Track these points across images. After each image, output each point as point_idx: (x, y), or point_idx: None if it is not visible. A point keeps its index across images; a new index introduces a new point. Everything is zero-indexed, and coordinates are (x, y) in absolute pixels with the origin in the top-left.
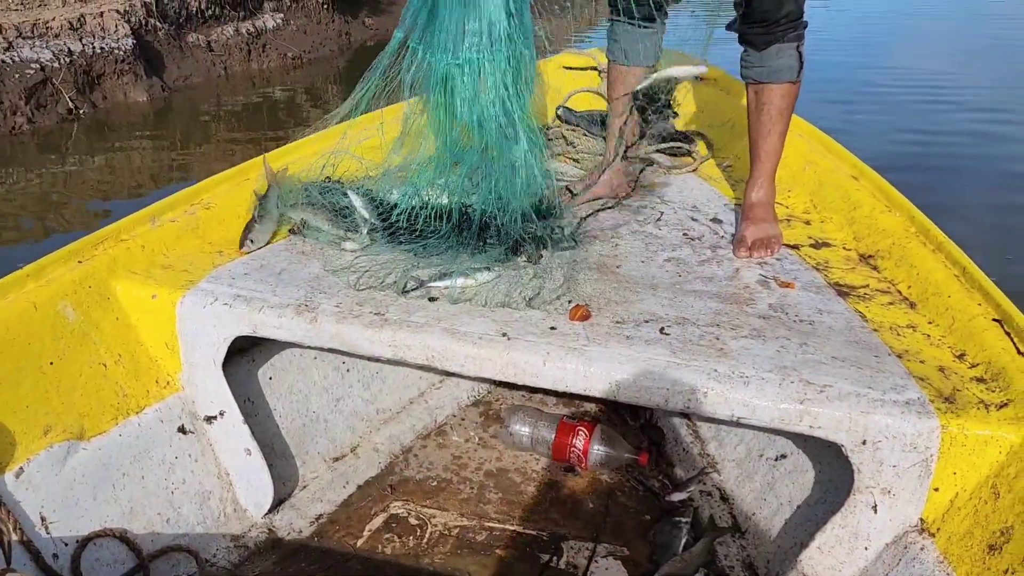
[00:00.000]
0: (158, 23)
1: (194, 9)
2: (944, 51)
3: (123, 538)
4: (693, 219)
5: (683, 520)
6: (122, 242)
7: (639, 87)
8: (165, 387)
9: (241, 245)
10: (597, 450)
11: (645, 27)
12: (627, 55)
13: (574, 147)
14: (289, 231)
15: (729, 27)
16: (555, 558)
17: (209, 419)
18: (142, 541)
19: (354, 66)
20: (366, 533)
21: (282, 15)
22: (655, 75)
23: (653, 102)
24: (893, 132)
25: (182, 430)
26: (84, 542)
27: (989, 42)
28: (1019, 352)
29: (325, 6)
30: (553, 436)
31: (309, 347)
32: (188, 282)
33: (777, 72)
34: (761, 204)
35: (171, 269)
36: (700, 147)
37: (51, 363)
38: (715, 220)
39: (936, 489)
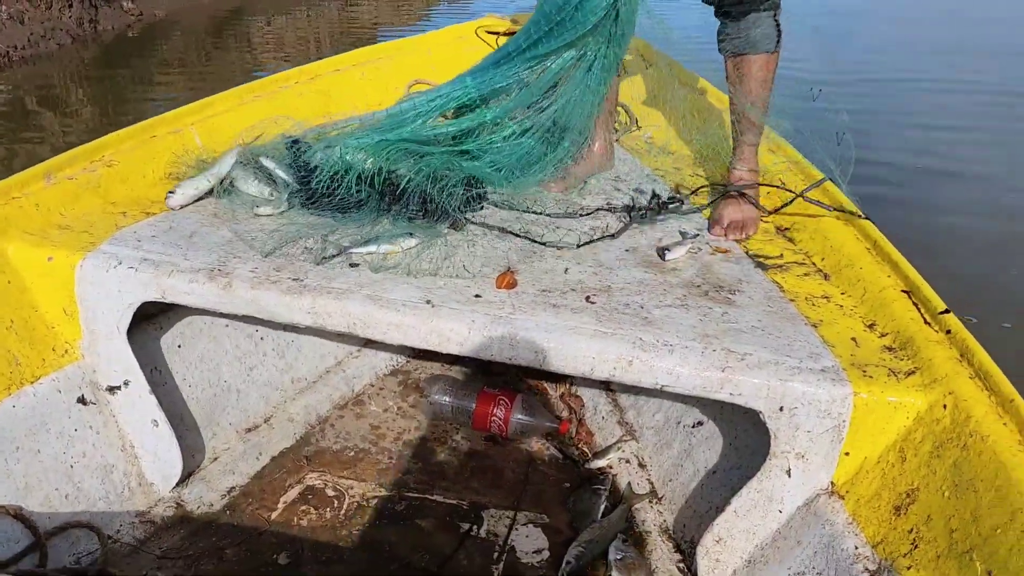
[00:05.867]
0: None
1: None
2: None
3: (17, 515)
4: (616, 189)
5: (602, 487)
6: (13, 200)
7: None
8: (63, 355)
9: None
10: (518, 419)
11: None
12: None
13: None
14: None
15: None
16: (475, 527)
17: (112, 389)
18: (38, 518)
19: (107, 62)
20: (280, 505)
21: None
22: None
23: None
24: None
25: (82, 400)
26: None
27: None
28: (926, 322)
29: None
30: (474, 405)
31: (222, 314)
32: (88, 244)
33: (755, 42)
34: (745, 180)
35: (69, 230)
36: (622, 116)
37: None
38: (638, 190)
39: (847, 453)
